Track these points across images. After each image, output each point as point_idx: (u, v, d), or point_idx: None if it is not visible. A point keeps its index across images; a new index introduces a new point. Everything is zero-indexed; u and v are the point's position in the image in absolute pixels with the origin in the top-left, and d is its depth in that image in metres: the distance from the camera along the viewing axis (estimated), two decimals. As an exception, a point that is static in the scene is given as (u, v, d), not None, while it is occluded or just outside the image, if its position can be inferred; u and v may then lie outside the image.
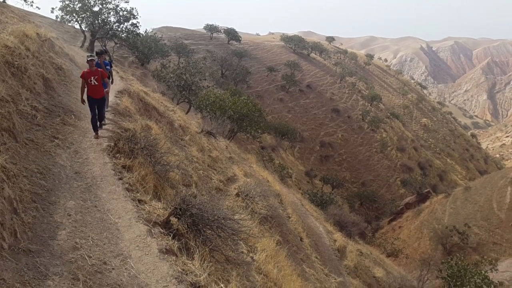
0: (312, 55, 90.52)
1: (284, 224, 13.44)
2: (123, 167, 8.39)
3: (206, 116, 26.21)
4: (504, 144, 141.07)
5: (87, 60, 9.70)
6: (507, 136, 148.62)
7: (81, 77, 9.77)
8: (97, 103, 9.77)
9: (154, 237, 6.30)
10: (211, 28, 75.84)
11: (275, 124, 48.22)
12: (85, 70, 9.79)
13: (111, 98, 12.61)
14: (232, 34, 75.40)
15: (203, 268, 6.08)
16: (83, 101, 9.82)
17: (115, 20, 30.23)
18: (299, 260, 11.94)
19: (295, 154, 53.00)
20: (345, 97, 72.49)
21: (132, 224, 6.51)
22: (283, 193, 17.91)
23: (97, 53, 11.34)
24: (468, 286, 19.37)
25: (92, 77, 9.66)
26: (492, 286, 20.35)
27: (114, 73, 17.47)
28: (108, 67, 12.08)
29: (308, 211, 20.69)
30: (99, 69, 9.96)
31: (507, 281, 27.04)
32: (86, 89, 9.81)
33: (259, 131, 29.50)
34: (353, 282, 15.26)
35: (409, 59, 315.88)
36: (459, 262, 20.83)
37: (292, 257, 11.19)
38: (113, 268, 5.32)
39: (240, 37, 77.26)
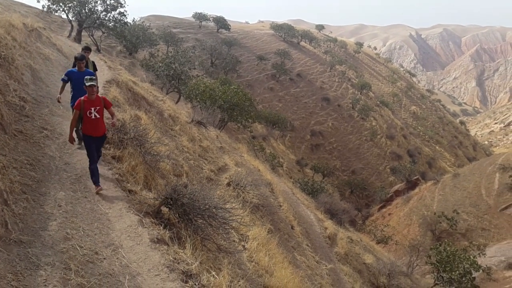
0: (302, 43, 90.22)
1: (275, 212, 13.52)
2: (113, 157, 8.39)
3: (196, 106, 26.17)
4: (492, 130, 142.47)
5: (86, 85, 7.07)
6: (495, 123, 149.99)
7: (75, 107, 7.15)
8: (98, 144, 7.39)
9: (145, 227, 6.34)
10: (199, 17, 75.02)
11: (266, 113, 48.11)
12: (82, 98, 7.19)
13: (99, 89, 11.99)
14: (221, 23, 74.66)
15: (195, 257, 6.14)
16: (72, 140, 7.31)
17: (102, 9, 29.86)
18: (290, 248, 12.05)
19: (286, 143, 53.10)
20: (335, 85, 72.58)
21: (123, 214, 6.53)
22: (274, 182, 17.96)
23: (76, 58, 8.77)
24: (457, 271, 19.70)
25: (93, 109, 7.11)
26: (481, 270, 20.72)
27: (101, 63, 17.24)
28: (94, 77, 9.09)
29: (299, 200, 20.79)
30: (100, 96, 7.38)
31: (495, 266, 27.56)
32: (81, 123, 7.38)
33: (250, 121, 29.46)
34: (343, 268, 15.43)
35: (398, 47, 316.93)
36: (448, 248, 21.15)
37: (283, 245, 11.28)
38: (104, 258, 5.35)
39: (230, 26, 76.55)
